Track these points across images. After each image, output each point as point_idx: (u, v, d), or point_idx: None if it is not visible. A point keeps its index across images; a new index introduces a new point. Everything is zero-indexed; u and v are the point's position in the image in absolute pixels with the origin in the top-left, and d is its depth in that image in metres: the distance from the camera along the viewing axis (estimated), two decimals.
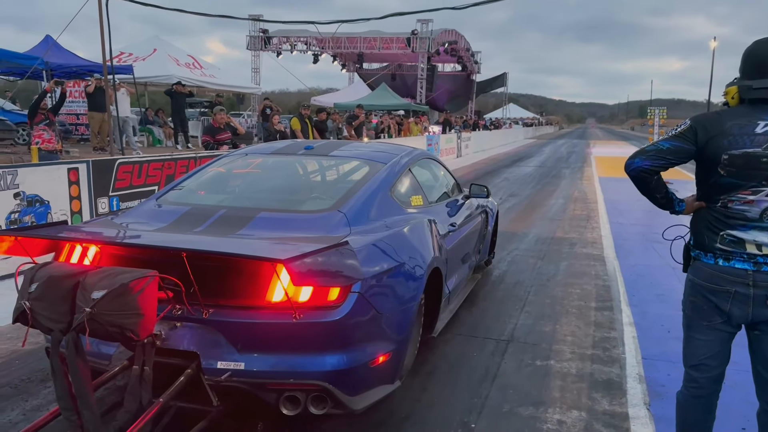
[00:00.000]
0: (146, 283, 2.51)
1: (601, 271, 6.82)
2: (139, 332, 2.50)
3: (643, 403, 3.63)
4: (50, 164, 6.85)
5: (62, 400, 2.59)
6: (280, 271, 2.70)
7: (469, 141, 27.08)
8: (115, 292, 2.43)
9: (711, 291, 2.55)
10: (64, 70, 14.86)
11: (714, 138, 2.45)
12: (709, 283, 2.55)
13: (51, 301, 2.53)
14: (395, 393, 3.40)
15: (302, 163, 4.69)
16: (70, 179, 6.77)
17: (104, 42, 9.67)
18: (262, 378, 2.85)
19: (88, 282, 2.51)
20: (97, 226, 3.64)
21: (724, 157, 2.42)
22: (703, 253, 2.59)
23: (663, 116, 16.29)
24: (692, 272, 2.67)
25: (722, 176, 2.46)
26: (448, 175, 5.71)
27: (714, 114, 2.58)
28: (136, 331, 2.48)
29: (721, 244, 2.52)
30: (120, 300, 2.44)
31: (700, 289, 2.59)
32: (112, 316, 2.44)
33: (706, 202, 2.60)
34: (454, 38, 35.13)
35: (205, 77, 19.32)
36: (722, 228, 2.52)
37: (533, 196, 13.48)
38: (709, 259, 2.56)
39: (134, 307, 2.46)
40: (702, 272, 2.59)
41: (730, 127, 2.43)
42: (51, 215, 6.44)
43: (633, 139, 56.17)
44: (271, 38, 31.90)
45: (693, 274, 2.65)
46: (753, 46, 2.52)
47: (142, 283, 2.50)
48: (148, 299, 2.52)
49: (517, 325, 4.97)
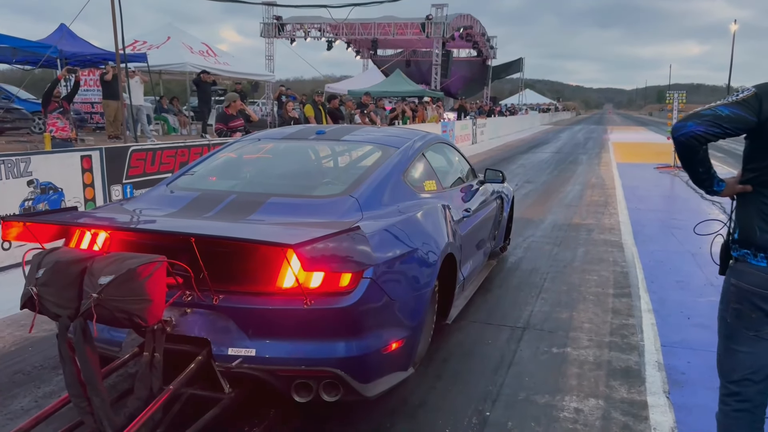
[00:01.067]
0: (154, 268, 2.48)
1: (619, 257, 6.71)
2: (147, 318, 2.47)
3: (663, 391, 3.55)
4: (63, 152, 6.86)
5: (71, 387, 2.57)
6: (291, 256, 2.65)
7: (484, 127, 26.85)
8: (123, 277, 2.41)
9: (764, 298, 2.22)
10: (78, 58, 14.88)
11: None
12: (763, 289, 2.21)
13: (58, 287, 2.50)
14: (409, 380, 3.36)
15: (314, 148, 4.64)
16: (84, 167, 6.77)
17: (116, 30, 9.63)
18: (273, 365, 2.81)
19: (96, 267, 2.48)
20: (107, 211, 3.61)
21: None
22: (752, 254, 2.24)
23: (682, 101, 15.93)
24: (736, 276, 2.30)
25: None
26: (463, 160, 5.62)
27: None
28: (144, 317, 2.46)
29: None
30: (127, 285, 2.41)
31: (749, 295, 2.24)
32: (119, 301, 2.41)
33: (757, 188, 2.25)
34: (469, 23, 34.79)
35: (219, 65, 19.30)
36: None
37: (550, 183, 13.32)
38: (760, 260, 2.22)
39: (142, 292, 2.43)
40: (752, 276, 2.24)
41: None
42: (65, 203, 6.44)
43: (651, 125, 55.53)
44: (284, 25, 31.81)
45: (738, 278, 2.29)
46: None
47: (149, 269, 2.46)
48: (156, 285, 2.49)
49: (533, 312, 4.89)
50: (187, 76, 19.68)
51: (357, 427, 3.17)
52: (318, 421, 3.20)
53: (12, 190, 5.94)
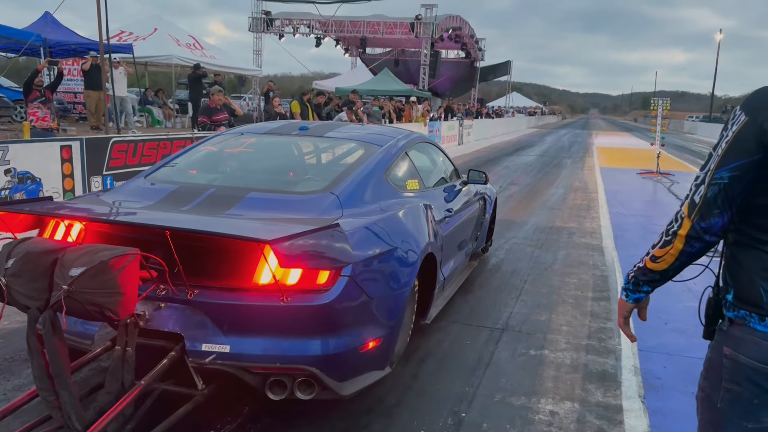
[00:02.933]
0: (127, 261, 2.43)
1: (599, 261, 6.74)
2: (118, 311, 2.43)
3: (638, 396, 3.56)
4: (43, 141, 6.75)
5: (39, 380, 2.51)
6: (268, 252, 2.63)
7: (471, 129, 26.91)
8: (94, 269, 2.35)
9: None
10: (63, 47, 14.71)
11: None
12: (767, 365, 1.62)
13: (28, 278, 2.44)
14: (386, 379, 3.33)
15: (296, 144, 4.61)
16: (63, 157, 6.67)
17: (101, 19, 9.51)
18: (248, 361, 2.78)
19: (67, 259, 2.43)
20: (83, 202, 3.54)
21: None
22: (756, 316, 1.64)
23: (666, 107, 16.07)
24: (731, 344, 1.69)
25: None
26: (447, 160, 5.61)
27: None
28: (115, 310, 2.41)
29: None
30: (99, 278, 2.36)
31: (751, 373, 1.63)
32: (90, 294, 2.36)
33: (761, 235, 1.64)
34: (458, 24, 34.82)
35: (206, 58, 19.13)
36: None
37: (534, 185, 13.37)
38: (765, 326, 1.63)
39: (114, 285, 2.38)
40: (754, 347, 1.64)
41: None
42: (42, 192, 6.35)
43: (635, 130, 56.03)
44: (273, 20, 31.61)
45: (734, 348, 1.68)
46: None
47: (122, 261, 2.41)
48: (128, 278, 2.44)
49: (512, 314, 4.89)
50: (173, 69, 19.51)
51: (332, 425, 3.14)
52: (291, 418, 3.17)
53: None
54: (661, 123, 16.35)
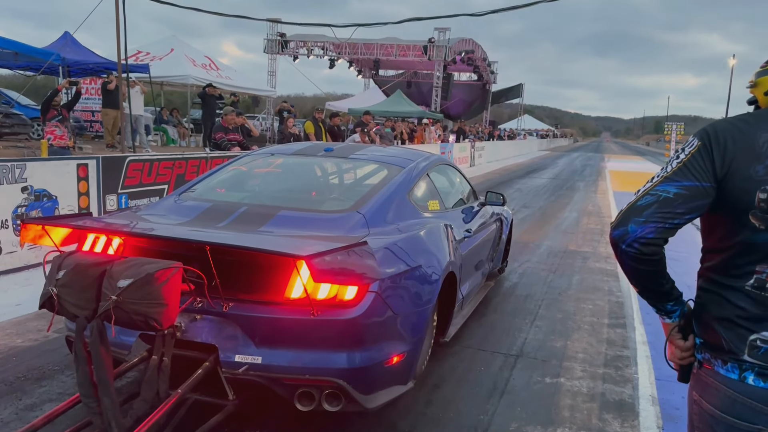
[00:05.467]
0: (171, 273, 2.56)
1: (614, 286, 6.66)
2: (162, 321, 2.53)
3: (656, 426, 3.49)
4: (59, 159, 6.81)
5: (83, 387, 2.61)
6: (301, 267, 2.72)
7: (482, 150, 26.92)
8: (141, 281, 2.48)
9: (732, 429, 1.53)
10: (81, 66, 14.90)
11: (740, 162, 1.50)
12: (729, 415, 1.53)
13: (77, 288, 2.57)
14: (399, 404, 3.34)
15: (322, 165, 4.78)
16: (79, 175, 6.71)
17: (119, 39, 9.65)
18: (278, 372, 2.88)
19: (115, 271, 2.56)
20: (122, 218, 3.66)
21: (760, 196, 1.48)
22: (720, 360, 1.58)
23: (681, 132, 16.06)
24: (698, 389, 1.64)
25: (758, 230, 1.50)
26: (465, 181, 5.72)
27: (737, 121, 1.58)
28: (159, 320, 2.52)
29: (751, 354, 1.52)
30: (145, 289, 2.48)
31: (712, 421, 1.57)
32: (137, 304, 2.48)
33: (724, 277, 1.59)
34: (470, 47, 35.04)
35: (222, 78, 19.34)
36: (755, 325, 1.52)
37: (546, 208, 13.31)
38: (730, 371, 1.55)
39: (158, 296, 2.50)
40: (715, 393, 1.57)
41: (766, 144, 1.50)
42: (58, 210, 6.38)
43: (648, 155, 55.81)
44: (288, 42, 31.96)
45: (700, 394, 1.62)
46: None
47: (167, 274, 2.54)
48: (172, 290, 2.56)
49: (527, 340, 4.83)
50: (188, 88, 19.71)
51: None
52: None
53: (6, 196, 5.88)
54: (675, 148, 16.29)
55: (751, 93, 1.68)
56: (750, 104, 1.69)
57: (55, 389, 3.58)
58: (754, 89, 1.65)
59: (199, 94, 17.00)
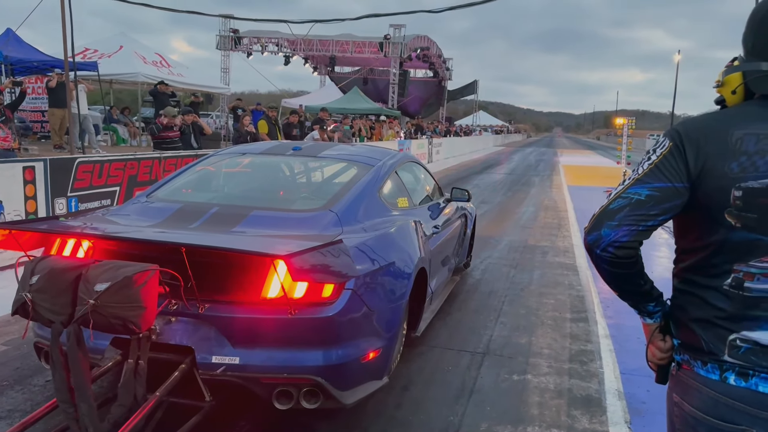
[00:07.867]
0: (148, 276, 2.52)
1: (574, 280, 6.75)
2: (140, 324, 2.49)
3: (624, 421, 3.52)
4: (4, 162, 6.49)
5: (60, 393, 2.56)
6: (278, 266, 2.71)
7: (440, 147, 27.07)
8: (119, 284, 2.44)
9: (715, 430, 1.51)
10: (25, 64, 14.34)
11: (714, 160, 1.48)
12: (711, 417, 1.51)
13: (53, 293, 2.52)
14: (369, 408, 3.31)
15: (290, 164, 4.75)
16: (26, 178, 6.42)
17: (65, 36, 9.27)
18: (256, 372, 2.87)
19: (91, 275, 2.50)
20: (91, 221, 3.53)
21: (735, 194, 1.45)
22: (699, 362, 1.56)
23: (632, 126, 16.42)
24: (679, 391, 1.62)
25: (734, 228, 1.47)
26: (430, 178, 5.77)
27: (708, 119, 1.56)
28: (138, 323, 2.47)
29: (731, 353, 1.49)
30: (123, 292, 2.44)
31: (694, 422, 1.55)
32: (115, 308, 2.44)
33: (700, 277, 1.56)
34: (426, 44, 35.16)
35: (173, 76, 18.86)
36: (734, 325, 1.49)
37: (504, 204, 13.44)
38: (710, 372, 1.53)
39: (137, 299, 2.46)
40: (697, 394, 1.55)
41: (739, 141, 1.46)
42: (4, 216, 6.09)
43: (599, 149, 57.18)
44: (241, 38, 31.45)
45: (681, 396, 1.60)
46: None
47: (144, 276, 2.50)
48: (149, 292, 2.53)
49: (492, 337, 4.83)
50: (139, 86, 19.17)
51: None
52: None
53: None
54: (627, 142, 16.68)
55: (718, 92, 1.64)
56: (717, 104, 1.67)
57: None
58: (721, 89, 1.62)
59: (151, 91, 16.51)
